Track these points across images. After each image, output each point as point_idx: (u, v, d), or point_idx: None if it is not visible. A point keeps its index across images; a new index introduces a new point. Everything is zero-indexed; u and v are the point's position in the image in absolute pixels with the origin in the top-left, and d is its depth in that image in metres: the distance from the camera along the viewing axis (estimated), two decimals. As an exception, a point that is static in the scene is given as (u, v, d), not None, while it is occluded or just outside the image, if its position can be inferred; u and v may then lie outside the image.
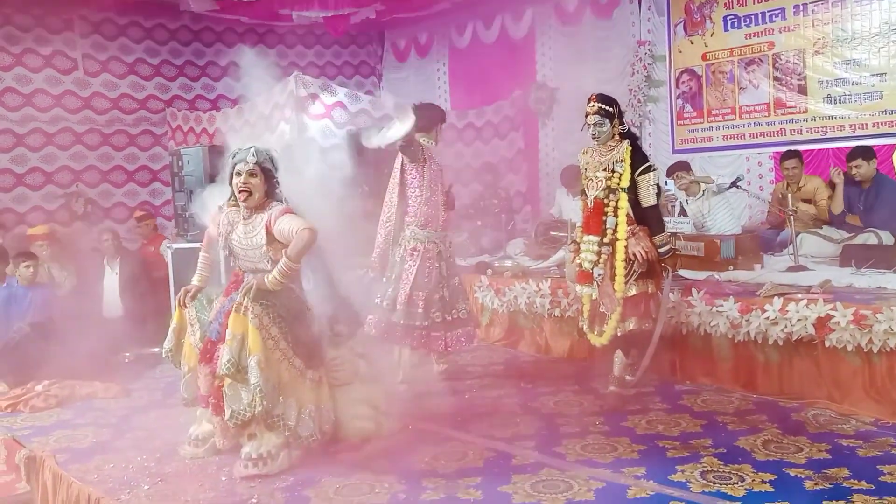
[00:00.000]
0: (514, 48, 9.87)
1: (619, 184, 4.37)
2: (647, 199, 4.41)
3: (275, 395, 3.55)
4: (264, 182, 3.76)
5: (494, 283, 6.08)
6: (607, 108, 4.40)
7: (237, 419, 3.56)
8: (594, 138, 4.46)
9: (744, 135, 8.03)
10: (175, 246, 6.47)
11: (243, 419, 3.56)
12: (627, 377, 4.59)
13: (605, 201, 4.39)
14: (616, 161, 4.39)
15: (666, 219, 5.11)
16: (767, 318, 4.43)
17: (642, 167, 4.39)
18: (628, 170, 4.37)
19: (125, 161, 9.66)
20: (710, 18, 8.15)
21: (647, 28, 8.69)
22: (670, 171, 6.72)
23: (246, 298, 3.55)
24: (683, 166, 6.77)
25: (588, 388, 4.79)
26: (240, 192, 3.73)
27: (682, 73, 8.47)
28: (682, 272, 5.36)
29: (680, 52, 8.45)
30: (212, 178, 6.31)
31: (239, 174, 3.73)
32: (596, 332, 4.55)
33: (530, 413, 4.38)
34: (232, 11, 8.90)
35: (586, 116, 4.45)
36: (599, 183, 4.41)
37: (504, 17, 9.98)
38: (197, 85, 10.17)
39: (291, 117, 7.93)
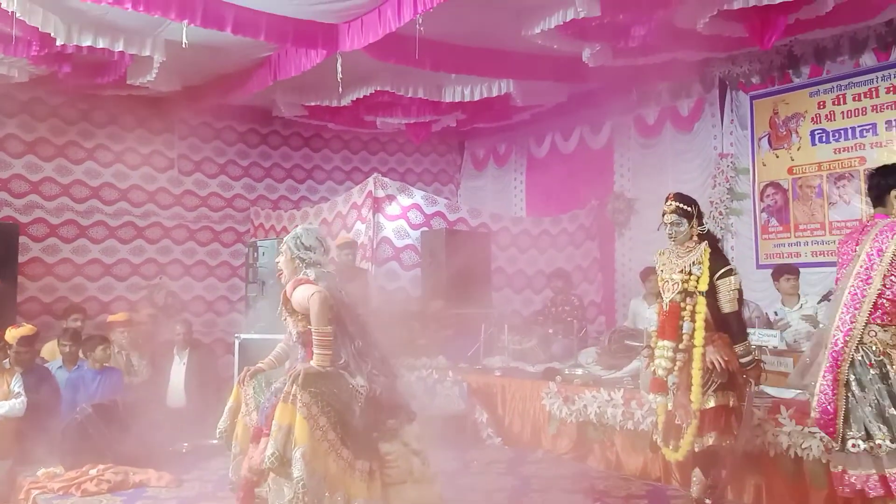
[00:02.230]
0: (591, 158, 9.89)
1: (696, 287, 4.13)
2: (728, 304, 4.14)
3: (320, 489, 3.36)
4: (290, 261, 3.86)
5: (563, 391, 5.78)
6: (685, 207, 4.23)
7: (278, 516, 3.38)
8: (671, 238, 4.27)
9: (834, 251, 7.62)
10: (243, 336, 6.49)
11: (284, 517, 3.37)
12: (707, 501, 4.17)
13: (682, 305, 4.15)
14: (693, 263, 4.17)
15: (750, 331, 4.79)
16: (867, 443, 3.98)
17: (722, 270, 4.15)
18: (706, 272, 4.14)
19: (207, 256, 9.98)
20: (797, 132, 7.97)
21: (729, 141, 8.56)
22: (777, 274, 6.51)
23: (294, 386, 3.44)
24: (792, 271, 6.51)
25: (663, 511, 4.37)
26: None
27: (766, 186, 8.23)
28: (769, 390, 4.95)
29: (764, 165, 8.25)
30: (284, 271, 6.39)
31: None
32: (671, 447, 4.19)
33: (597, 532, 4.00)
34: (320, 117, 9.30)
35: (663, 215, 4.29)
36: (675, 285, 4.18)
37: (583, 129, 10.07)
38: (282, 186, 10.56)
39: (368, 217, 8.07)
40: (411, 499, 3.71)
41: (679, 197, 4.29)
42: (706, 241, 4.23)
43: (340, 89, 6.53)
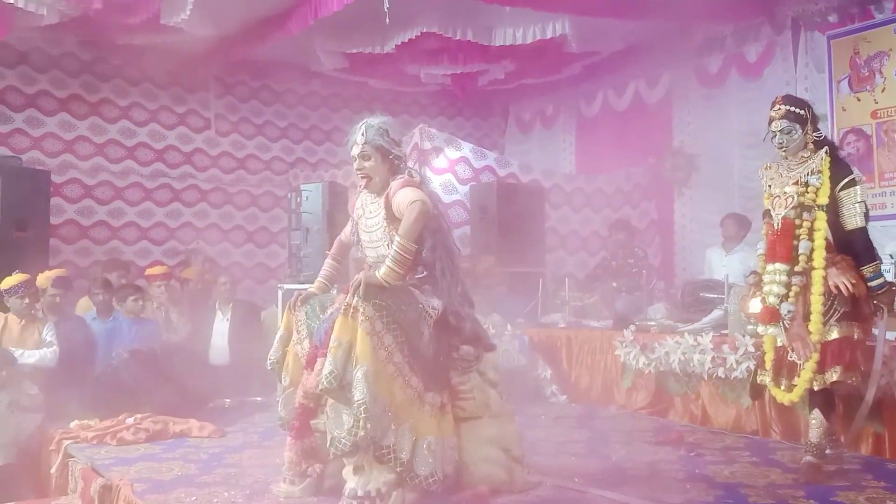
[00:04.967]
0: (647, 114, 9.25)
1: (815, 200, 3.57)
2: (853, 219, 3.57)
3: (385, 418, 2.88)
4: (382, 161, 3.26)
5: (640, 338, 5.24)
6: (797, 110, 3.67)
7: (338, 447, 2.90)
8: (781, 148, 3.70)
9: (924, 201, 6.98)
10: (286, 286, 6.05)
11: (343, 448, 2.89)
12: (827, 450, 3.59)
13: (797, 222, 3.58)
14: (811, 172, 3.60)
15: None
16: None
17: (845, 180, 3.59)
18: (827, 182, 3.58)
19: (245, 221, 9.57)
20: (881, 73, 7.28)
21: (803, 86, 7.85)
22: None
23: (356, 297, 2.95)
24: None
25: (768, 461, 3.82)
26: (360, 179, 3.31)
27: (847, 133, 7.55)
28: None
29: (844, 110, 7.57)
30: (330, 217, 5.96)
31: (354, 159, 3.29)
32: (783, 388, 3.63)
33: (703, 481, 3.47)
34: (361, 71, 8.83)
35: (770, 122, 3.73)
36: (789, 199, 3.61)
37: (638, 83, 9.43)
38: (321, 149, 10.11)
39: (414, 170, 7.57)
40: (488, 435, 3.23)
41: (789, 99, 3.76)
42: (825, 148, 3.67)
43: (388, 19, 6.02)
